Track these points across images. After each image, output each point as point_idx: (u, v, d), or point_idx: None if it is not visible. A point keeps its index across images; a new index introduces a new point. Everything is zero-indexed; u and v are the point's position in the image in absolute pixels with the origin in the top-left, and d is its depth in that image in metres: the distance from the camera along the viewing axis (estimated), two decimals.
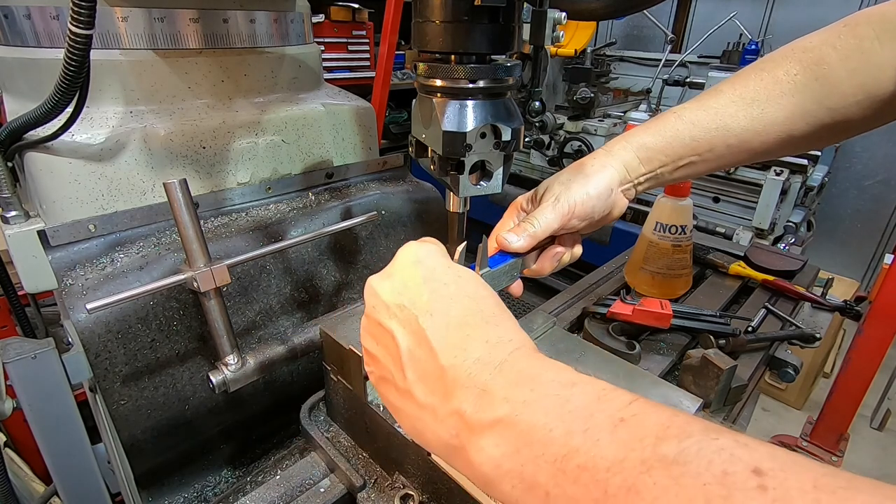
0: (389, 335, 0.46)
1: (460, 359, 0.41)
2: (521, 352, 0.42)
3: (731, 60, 2.87)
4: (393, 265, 0.51)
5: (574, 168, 0.75)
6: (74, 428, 0.77)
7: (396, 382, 0.46)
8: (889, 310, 1.92)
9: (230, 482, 1.01)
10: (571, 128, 2.87)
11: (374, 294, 0.49)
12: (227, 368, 0.82)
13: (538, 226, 0.71)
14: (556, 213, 0.71)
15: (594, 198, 0.71)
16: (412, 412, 0.44)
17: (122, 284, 0.82)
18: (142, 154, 0.91)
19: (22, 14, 0.87)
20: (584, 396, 0.36)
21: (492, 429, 0.37)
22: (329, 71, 3.37)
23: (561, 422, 0.34)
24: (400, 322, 0.46)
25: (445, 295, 0.46)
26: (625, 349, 0.93)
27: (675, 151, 0.72)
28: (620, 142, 0.75)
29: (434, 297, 0.45)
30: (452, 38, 0.59)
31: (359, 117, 1.20)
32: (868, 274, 3.80)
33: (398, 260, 0.51)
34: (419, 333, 0.44)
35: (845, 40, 0.67)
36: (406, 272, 0.48)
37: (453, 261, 0.55)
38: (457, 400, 0.40)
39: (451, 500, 0.65)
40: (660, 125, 0.73)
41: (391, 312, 0.47)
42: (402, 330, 0.45)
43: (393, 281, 0.49)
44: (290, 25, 1.10)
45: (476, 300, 0.46)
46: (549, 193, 0.73)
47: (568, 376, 0.38)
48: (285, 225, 1.02)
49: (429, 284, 0.46)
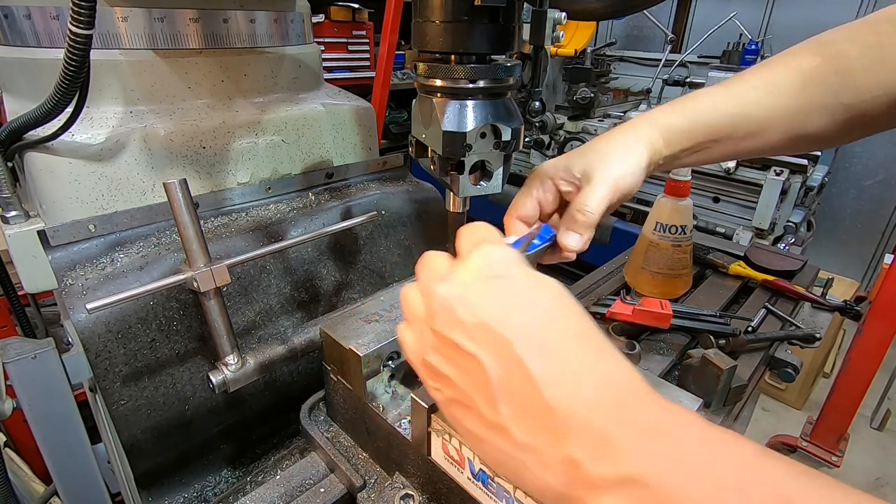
0: (471, 359, 0.39)
1: (571, 396, 0.36)
2: (642, 393, 0.37)
3: (731, 60, 2.87)
4: (462, 271, 0.43)
5: (607, 143, 0.68)
6: (74, 428, 0.77)
7: (482, 413, 0.39)
8: (889, 310, 1.92)
9: (230, 482, 1.01)
10: (571, 128, 2.87)
11: (446, 307, 0.42)
12: (227, 368, 0.82)
13: (594, 212, 0.64)
14: (607, 196, 0.64)
15: (634, 175, 0.66)
16: (504, 448, 0.39)
17: (122, 284, 0.82)
18: (142, 154, 0.91)
19: (22, 14, 0.87)
20: (730, 462, 0.32)
21: (620, 488, 0.33)
22: (329, 71, 3.37)
23: (706, 492, 0.30)
24: (486, 345, 0.39)
25: (539, 314, 0.40)
26: (625, 349, 0.93)
27: (696, 135, 0.69)
28: (645, 120, 0.70)
29: (527, 317, 0.39)
30: (452, 38, 0.59)
31: (359, 117, 1.20)
32: (868, 274, 3.80)
33: (469, 266, 0.43)
34: (514, 361, 0.37)
35: (865, 36, 0.66)
36: (485, 284, 0.42)
37: None
38: (570, 446, 0.35)
39: (451, 500, 0.65)
40: (683, 106, 0.70)
41: (471, 333, 0.40)
42: (491, 355, 0.38)
43: (468, 292, 0.41)
44: (290, 25, 1.10)
45: (574, 320, 0.40)
46: (593, 172, 0.65)
47: (702, 429, 0.34)
48: (285, 225, 1.02)
49: (516, 300, 0.40)
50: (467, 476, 0.60)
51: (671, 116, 0.70)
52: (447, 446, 0.61)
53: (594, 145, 0.69)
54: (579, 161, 0.67)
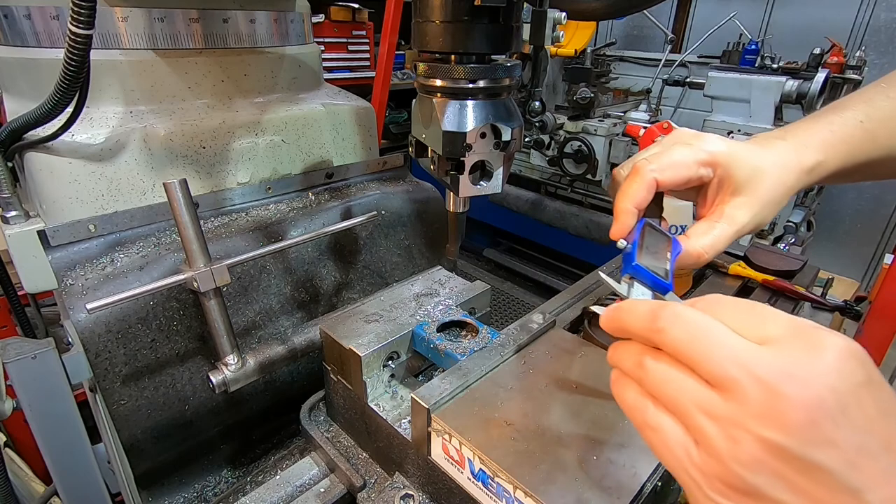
0: (848, 495, 0.30)
1: None
2: None
3: (731, 60, 2.87)
4: (822, 368, 0.32)
5: (768, 152, 0.59)
6: (74, 428, 0.77)
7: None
8: (889, 310, 1.92)
9: (230, 482, 1.01)
10: (571, 128, 2.87)
11: (812, 418, 0.31)
12: (227, 368, 0.82)
13: (743, 232, 0.56)
14: (761, 214, 0.57)
15: (784, 198, 0.59)
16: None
17: (122, 284, 0.82)
18: (142, 154, 0.91)
19: (22, 14, 0.87)
20: None
21: None
22: (329, 71, 3.37)
23: None
24: (874, 477, 0.30)
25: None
26: None
27: (846, 156, 0.61)
28: (798, 138, 0.61)
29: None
30: (452, 38, 0.59)
31: (359, 117, 1.20)
32: (868, 274, 3.80)
33: (829, 363, 0.32)
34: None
35: None
36: (862, 393, 0.32)
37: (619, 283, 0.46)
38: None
39: (451, 500, 0.65)
40: (832, 127, 0.61)
41: (853, 460, 0.31)
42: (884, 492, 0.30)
43: (848, 403, 0.31)
44: (290, 25, 1.10)
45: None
46: (751, 183, 0.57)
47: None
48: (285, 225, 1.02)
49: None
50: (467, 476, 0.60)
51: (823, 134, 0.61)
52: (447, 446, 0.61)
53: (752, 158, 0.58)
54: (726, 159, 0.57)
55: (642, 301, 0.44)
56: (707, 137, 0.59)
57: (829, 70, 2.46)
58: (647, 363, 0.39)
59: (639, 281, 0.51)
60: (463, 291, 0.85)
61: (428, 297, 0.83)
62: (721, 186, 0.58)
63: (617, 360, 0.43)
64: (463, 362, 0.69)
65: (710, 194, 0.60)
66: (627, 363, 0.41)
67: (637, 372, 0.40)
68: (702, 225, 0.58)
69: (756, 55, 2.71)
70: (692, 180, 0.58)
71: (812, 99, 2.41)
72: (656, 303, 0.40)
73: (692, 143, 0.58)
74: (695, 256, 0.56)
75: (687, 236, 0.58)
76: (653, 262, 0.51)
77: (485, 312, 0.88)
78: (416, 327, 0.76)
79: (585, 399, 0.65)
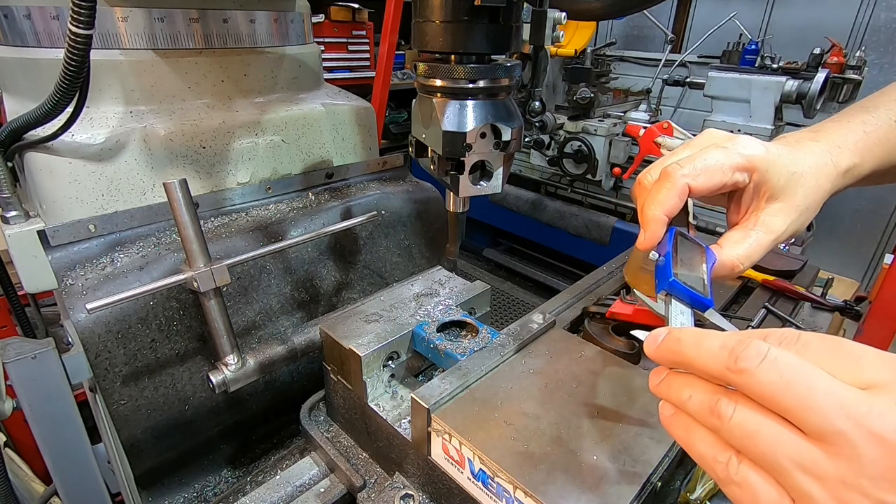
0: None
1: None
2: None
3: (731, 60, 2.87)
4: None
5: (804, 155, 0.56)
6: (74, 428, 0.77)
7: None
8: (889, 310, 1.92)
9: (230, 482, 1.01)
10: (571, 128, 2.87)
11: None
12: (227, 368, 0.82)
13: (773, 238, 0.54)
14: (798, 220, 0.55)
15: (820, 203, 0.56)
16: None
17: (122, 284, 0.82)
18: (142, 154, 0.91)
19: (22, 14, 0.87)
20: None
21: None
22: (329, 71, 3.37)
23: None
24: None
25: None
26: (625, 349, 0.93)
27: (882, 158, 0.59)
28: (832, 139, 0.58)
29: None
30: (452, 38, 0.59)
31: (359, 117, 1.20)
32: (868, 274, 3.80)
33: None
34: None
35: None
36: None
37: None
38: None
39: (451, 500, 0.65)
40: (866, 128, 0.59)
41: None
42: None
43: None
44: (290, 25, 1.10)
45: None
46: (788, 188, 0.54)
47: None
48: (285, 225, 1.02)
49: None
50: (467, 476, 0.60)
51: (856, 136, 0.59)
52: (447, 446, 0.61)
53: (786, 155, 0.55)
54: (763, 164, 0.54)
55: (710, 334, 0.37)
56: (742, 140, 0.55)
57: (829, 70, 2.46)
58: (726, 410, 0.34)
59: (676, 298, 0.47)
60: (463, 291, 0.85)
61: (428, 297, 0.83)
62: (756, 192, 0.55)
63: (674, 397, 0.38)
64: (463, 362, 0.69)
65: (745, 200, 0.56)
66: (693, 405, 0.37)
67: (711, 419, 0.35)
68: (736, 233, 0.55)
69: (756, 55, 2.72)
70: (726, 186, 0.54)
71: (812, 99, 2.41)
72: (731, 337, 0.35)
73: (727, 146, 0.54)
74: (729, 267, 0.53)
75: (720, 245, 0.55)
76: (688, 276, 0.48)
77: (485, 312, 0.88)
78: (416, 327, 0.76)
79: (585, 399, 0.65)
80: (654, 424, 0.61)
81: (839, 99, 2.66)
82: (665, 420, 0.39)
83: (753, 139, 0.56)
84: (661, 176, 0.53)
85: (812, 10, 3.56)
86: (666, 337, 0.39)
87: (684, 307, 0.47)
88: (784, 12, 3.68)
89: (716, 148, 0.54)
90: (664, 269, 0.49)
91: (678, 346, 0.37)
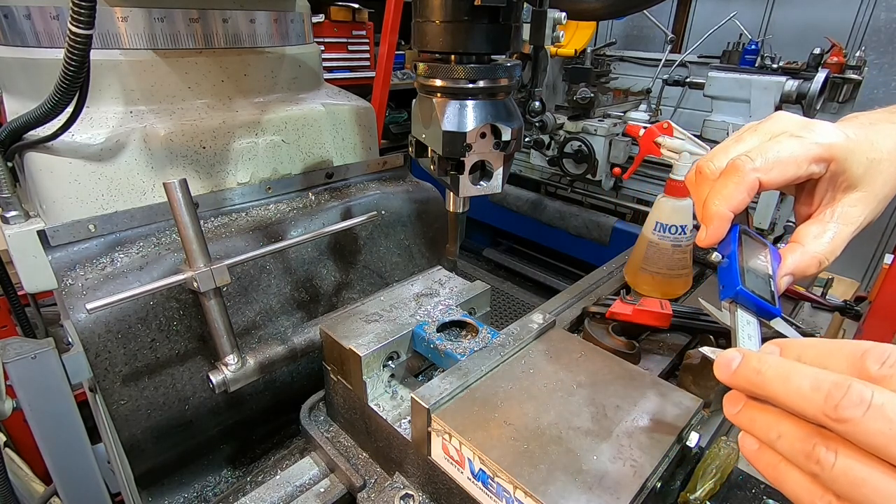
0: None
1: None
2: None
3: (731, 60, 2.87)
4: None
5: (881, 139, 0.52)
6: (74, 428, 0.77)
7: None
8: (889, 310, 1.92)
9: (230, 482, 1.01)
10: (571, 128, 2.87)
11: None
12: (227, 368, 0.82)
13: (853, 229, 0.50)
14: (876, 209, 0.51)
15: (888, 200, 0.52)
16: None
17: (122, 284, 0.82)
18: (142, 154, 0.91)
19: (22, 14, 0.87)
20: None
21: None
22: (329, 71, 3.37)
23: None
24: None
25: None
26: (625, 349, 0.93)
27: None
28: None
29: None
30: (452, 38, 0.59)
31: (359, 117, 1.20)
32: (868, 274, 3.80)
33: None
34: None
35: None
36: None
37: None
38: None
39: (451, 500, 0.65)
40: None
41: None
42: None
43: None
44: (290, 25, 1.10)
45: None
46: (867, 176, 0.50)
47: None
48: (285, 225, 1.02)
49: None
50: (467, 476, 0.60)
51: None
52: (447, 446, 0.61)
53: (863, 141, 0.51)
54: (843, 152, 0.50)
55: (796, 368, 0.33)
56: (818, 127, 0.50)
57: (829, 70, 2.46)
58: (826, 458, 0.31)
59: (742, 307, 0.44)
60: (463, 291, 0.85)
61: (428, 297, 0.83)
62: (833, 181, 0.51)
63: (760, 433, 0.36)
64: (463, 362, 0.69)
65: (819, 190, 0.52)
66: (785, 446, 0.34)
67: (808, 464, 0.32)
68: (813, 227, 0.51)
69: (756, 55, 2.71)
70: (800, 178, 0.50)
71: (812, 99, 2.41)
72: (824, 377, 0.31)
73: (802, 135, 0.49)
74: (814, 265, 0.49)
75: (798, 242, 0.51)
76: (755, 281, 0.44)
77: (485, 312, 0.88)
78: (416, 327, 0.76)
79: (585, 399, 0.65)
80: (654, 424, 0.61)
81: (839, 99, 2.66)
82: (749, 455, 0.37)
83: (829, 125, 0.51)
84: (728, 168, 0.49)
85: (812, 10, 3.56)
86: (742, 364, 0.36)
87: (751, 317, 0.44)
88: (784, 12, 3.68)
89: (789, 137, 0.49)
90: (729, 273, 0.46)
91: (759, 379, 0.35)
